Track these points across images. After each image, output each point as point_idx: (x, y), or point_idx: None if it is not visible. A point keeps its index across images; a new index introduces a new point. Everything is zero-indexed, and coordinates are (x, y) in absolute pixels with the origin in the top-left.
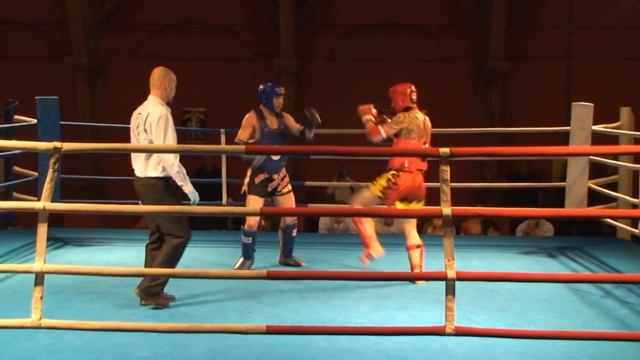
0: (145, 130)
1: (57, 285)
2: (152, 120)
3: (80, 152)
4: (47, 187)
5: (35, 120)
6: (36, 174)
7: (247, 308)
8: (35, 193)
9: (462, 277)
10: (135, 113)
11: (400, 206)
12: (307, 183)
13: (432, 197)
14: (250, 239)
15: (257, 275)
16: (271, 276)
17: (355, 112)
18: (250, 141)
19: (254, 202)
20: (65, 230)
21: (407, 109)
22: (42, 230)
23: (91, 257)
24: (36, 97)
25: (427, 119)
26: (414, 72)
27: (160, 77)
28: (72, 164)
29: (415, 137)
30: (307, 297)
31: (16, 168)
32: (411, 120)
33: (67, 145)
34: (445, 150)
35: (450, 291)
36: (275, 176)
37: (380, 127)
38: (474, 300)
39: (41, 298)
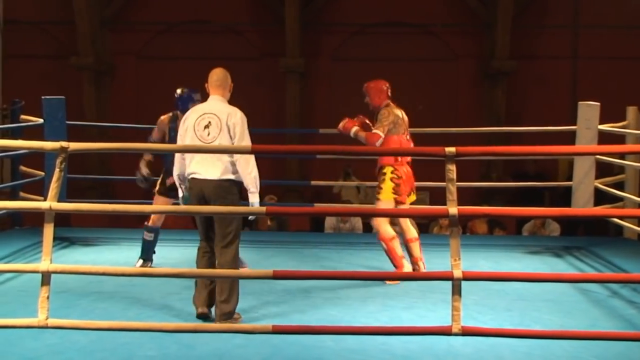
0: (228, 132)
1: (64, 285)
2: (235, 122)
3: (87, 152)
4: (53, 187)
5: (41, 120)
6: (42, 173)
7: (253, 308)
8: (42, 193)
9: (468, 277)
10: (197, 114)
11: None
12: (313, 183)
13: (438, 196)
14: (153, 235)
15: (263, 275)
16: (277, 276)
17: (362, 110)
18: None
19: (162, 203)
20: (72, 230)
21: (387, 105)
22: (49, 230)
23: (97, 256)
24: (42, 97)
25: (404, 112)
26: (419, 72)
27: (224, 77)
28: (79, 164)
29: (401, 130)
30: (314, 296)
31: (22, 168)
32: (395, 114)
33: (74, 145)
34: (451, 149)
35: (456, 291)
36: None
37: (376, 130)
38: (481, 300)
39: (47, 298)
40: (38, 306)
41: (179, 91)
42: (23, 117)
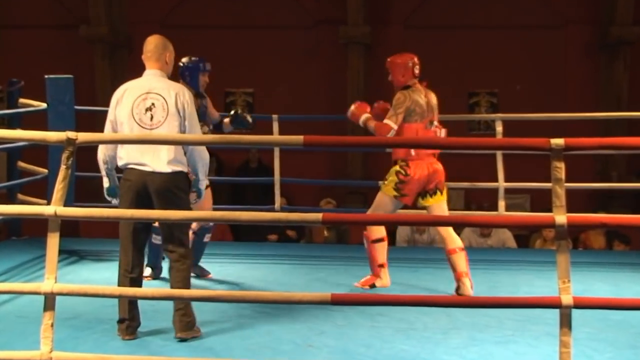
0: (179, 113)
1: (71, 309)
2: (184, 101)
3: (99, 144)
4: (58, 188)
5: (44, 105)
6: (45, 171)
7: (306, 340)
8: (45, 195)
9: (580, 304)
10: (135, 93)
11: (422, 203)
12: (381, 183)
13: (541, 201)
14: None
15: (319, 299)
16: (337, 300)
17: (444, 89)
18: None
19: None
20: (81, 241)
21: (406, 87)
22: (53, 241)
23: (112, 275)
24: (46, 76)
25: (432, 94)
26: (517, 41)
27: (162, 46)
28: (89, 159)
29: (418, 118)
30: (382, 327)
31: (21, 164)
32: (412, 99)
33: (84, 136)
34: (558, 141)
35: (565, 322)
36: None
37: (387, 121)
38: (597, 334)
39: (52, 325)
40: (40, 336)
41: (184, 60)
42: (22, 100)
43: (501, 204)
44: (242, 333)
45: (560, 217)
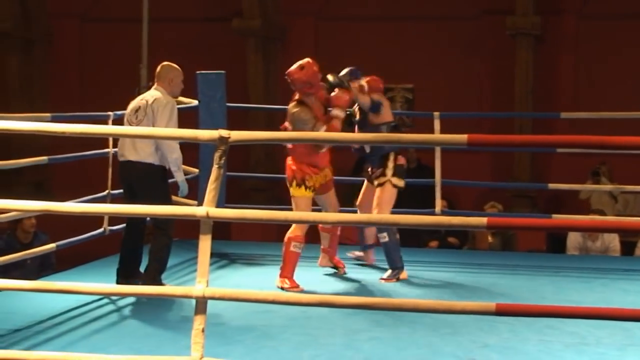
0: (153, 115)
1: (222, 315)
2: (156, 106)
3: (253, 143)
4: (210, 188)
5: (195, 102)
6: (196, 170)
7: (468, 354)
8: (195, 195)
9: None
10: (135, 100)
11: None
12: (551, 186)
13: None
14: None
15: (482, 309)
16: (502, 311)
17: (623, 85)
18: None
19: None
20: (232, 244)
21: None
22: (205, 243)
23: (265, 279)
24: (197, 72)
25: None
26: None
27: (164, 72)
28: (242, 159)
29: None
30: (549, 341)
31: None
32: None
33: (237, 135)
34: None
35: None
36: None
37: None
38: None
39: (202, 331)
40: (191, 341)
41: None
42: None
43: None
44: (399, 344)
45: None
